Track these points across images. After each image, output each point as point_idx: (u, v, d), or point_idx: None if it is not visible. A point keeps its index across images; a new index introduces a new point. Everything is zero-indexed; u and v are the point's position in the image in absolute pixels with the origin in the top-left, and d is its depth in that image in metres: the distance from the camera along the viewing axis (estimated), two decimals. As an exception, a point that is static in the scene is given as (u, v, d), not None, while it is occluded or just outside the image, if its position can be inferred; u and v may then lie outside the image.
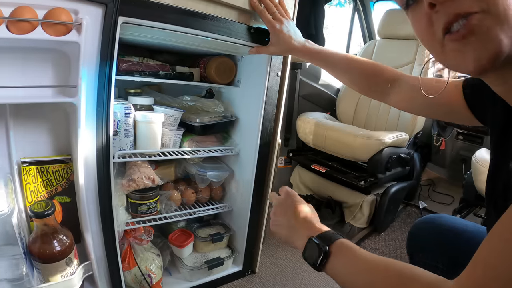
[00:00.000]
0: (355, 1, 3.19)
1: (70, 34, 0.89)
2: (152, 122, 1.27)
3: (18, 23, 0.82)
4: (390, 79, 0.98)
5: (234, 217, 1.66)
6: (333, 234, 0.68)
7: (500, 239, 0.42)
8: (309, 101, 2.68)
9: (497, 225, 0.43)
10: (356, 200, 2.19)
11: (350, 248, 0.64)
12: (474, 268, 0.44)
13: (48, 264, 0.99)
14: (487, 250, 0.43)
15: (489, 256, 0.42)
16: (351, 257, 0.62)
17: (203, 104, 1.51)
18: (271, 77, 1.35)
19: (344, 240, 0.65)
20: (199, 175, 1.52)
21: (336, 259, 0.63)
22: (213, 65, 1.44)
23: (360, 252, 0.62)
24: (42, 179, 1.09)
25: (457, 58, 0.48)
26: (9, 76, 0.93)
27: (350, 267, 0.62)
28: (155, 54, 1.45)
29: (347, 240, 0.66)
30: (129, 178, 1.29)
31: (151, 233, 1.38)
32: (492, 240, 0.43)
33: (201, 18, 1.09)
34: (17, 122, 1.06)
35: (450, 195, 2.75)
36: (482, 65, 0.45)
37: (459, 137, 2.53)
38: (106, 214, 1.10)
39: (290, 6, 1.25)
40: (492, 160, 0.65)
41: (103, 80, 0.97)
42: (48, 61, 0.98)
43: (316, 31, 2.75)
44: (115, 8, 0.93)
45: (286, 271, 1.75)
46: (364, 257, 0.60)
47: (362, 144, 2.03)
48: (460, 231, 0.89)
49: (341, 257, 0.63)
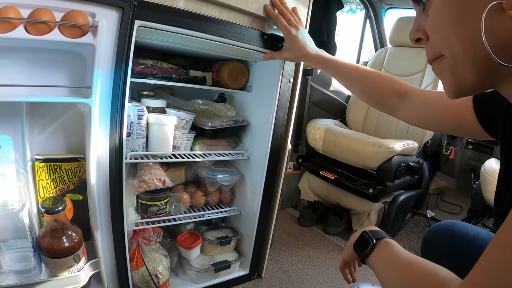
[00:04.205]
0: (367, 8, 3.19)
1: (86, 37, 0.91)
2: (165, 124, 1.28)
3: (36, 25, 0.84)
4: (400, 92, 0.98)
5: (242, 221, 1.67)
6: (384, 233, 0.76)
7: (497, 248, 0.44)
8: (319, 108, 2.68)
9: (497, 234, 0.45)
10: (364, 208, 2.18)
11: (392, 245, 0.70)
12: (474, 274, 0.46)
13: (56, 259, 1.01)
14: (486, 257, 0.46)
15: (487, 264, 0.45)
16: (389, 253, 0.69)
17: (215, 108, 1.52)
18: (283, 83, 1.36)
19: (391, 240, 0.73)
20: (209, 178, 1.53)
21: (378, 252, 0.72)
22: (226, 69, 1.45)
23: (399, 249, 0.68)
24: (55, 176, 1.12)
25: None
26: (26, 76, 0.95)
27: (386, 261, 0.69)
28: (169, 58, 1.47)
29: (394, 241, 0.73)
30: (140, 179, 1.30)
31: (160, 234, 1.39)
32: (491, 248, 0.45)
33: (215, 24, 1.11)
34: (33, 120, 1.09)
35: (458, 205, 2.72)
36: (453, 94, 0.53)
37: (469, 146, 2.51)
38: (116, 213, 1.12)
39: (303, 14, 1.27)
40: (501, 170, 0.65)
41: (118, 82, 0.99)
42: (64, 62, 1.00)
43: (328, 38, 2.75)
44: (131, 12, 0.94)
45: (292, 276, 1.75)
46: (399, 254, 0.66)
47: (372, 151, 2.03)
48: (472, 238, 0.90)
49: (382, 251, 0.71)
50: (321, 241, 2.17)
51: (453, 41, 0.48)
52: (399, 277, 0.62)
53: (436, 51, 0.52)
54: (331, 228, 2.26)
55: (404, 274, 0.61)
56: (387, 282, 0.65)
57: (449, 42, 0.49)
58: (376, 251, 0.72)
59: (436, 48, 0.52)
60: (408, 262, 0.62)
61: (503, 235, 0.44)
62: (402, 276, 0.61)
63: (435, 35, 0.51)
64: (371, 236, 0.74)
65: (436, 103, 0.87)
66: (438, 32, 0.50)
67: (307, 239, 2.17)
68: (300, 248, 2.04)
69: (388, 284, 0.65)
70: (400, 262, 0.64)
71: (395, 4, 3.08)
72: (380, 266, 0.70)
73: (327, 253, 2.03)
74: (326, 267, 1.87)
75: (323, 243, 2.14)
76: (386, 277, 0.66)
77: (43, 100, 1.00)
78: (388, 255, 0.69)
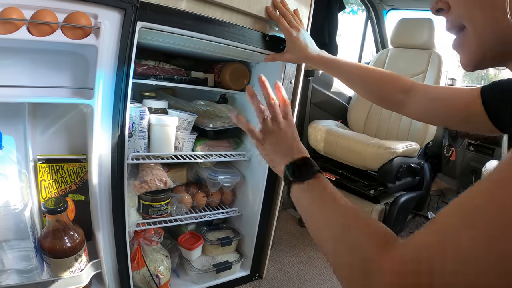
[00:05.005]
0: (368, 9, 3.19)
1: (88, 38, 0.91)
2: (166, 125, 1.28)
3: (38, 26, 0.85)
4: (404, 88, 0.97)
5: (243, 222, 1.67)
6: (311, 167, 0.68)
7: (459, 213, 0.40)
8: (321, 109, 2.68)
9: (460, 197, 0.41)
10: (365, 209, 2.18)
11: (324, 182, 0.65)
12: (428, 234, 0.41)
13: (58, 259, 1.01)
14: (448, 219, 0.40)
15: (448, 227, 0.39)
16: (332, 189, 0.63)
17: (216, 109, 1.52)
18: (285, 84, 1.36)
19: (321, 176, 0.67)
20: (211, 179, 1.53)
21: (318, 183, 0.65)
22: (227, 71, 1.45)
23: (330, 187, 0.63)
24: (57, 176, 1.12)
25: None
26: (29, 76, 0.96)
27: (327, 196, 0.62)
28: (171, 59, 1.48)
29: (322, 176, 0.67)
30: (142, 180, 1.30)
31: (161, 235, 1.39)
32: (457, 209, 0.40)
33: (217, 25, 1.11)
34: (35, 121, 1.09)
35: (459, 207, 2.72)
36: (471, 66, 0.53)
37: (470, 148, 2.51)
38: (118, 214, 1.12)
39: (304, 15, 1.27)
40: None
41: (120, 83, 0.99)
42: (66, 63, 1.00)
43: (329, 39, 2.75)
44: (133, 13, 0.95)
45: (293, 277, 1.75)
46: (340, 195, 0.61)
47: (373, 153, 2.03)
48: None
49: (324, 183, 0.65)
50: (322, 242, 2.17)
51: (475, 12, 0.48)
52: (340, 217, 0.56)
53: (456, 21, 0.53)
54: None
55: (348, 213, 0.56)
56: (322, 217, 0.60)
57: (471, 13, 0.49)
58: (316, 181, 0.65)
59: (457, 18, 0.52)
60: (353, 206, 0.57)
61: (466, 199, 0.40)
62: (346, 216, 0.56)
63: (457, 6, 0.52)
64: (314, 165, 0.68)
65: (443, 96, 0.87)
66: (461, 2, 0.51)
67: (308, 240, 2.17)
68: (301, 249, 2.04)
69: (323, 220, 0.59)
70: (344, 203, 0.59)
71: (396, 5, 3.09)
72: (316, 198, 0.63)
73: (328, 254, 2.02)
74: (327, 268, 1.87)
75: (324, 244, 2.14)
76: (323, 212, 0.60)
77: (45, 101, 1.00)
78: (332, 191, 0.63)
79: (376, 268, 0.43)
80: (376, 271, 0.43)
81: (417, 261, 0.39)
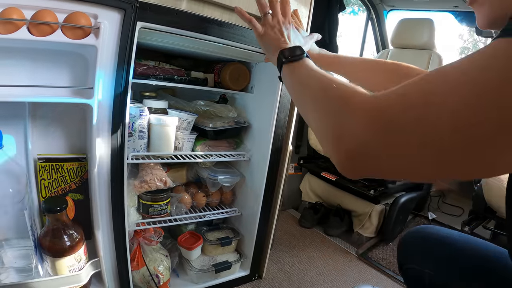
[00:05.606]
0: (368, 10, 3.19)
1: (88, 38, 0.92)
2: (166, 125, 1.29)
3: (38, 26, 0.85)
4: (411, 74, 0.96)
5: (243, 222, 1.67)
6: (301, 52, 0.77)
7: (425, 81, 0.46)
8: (321, 109, 2.67)
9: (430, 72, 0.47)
10: (365, 209, 2.19)
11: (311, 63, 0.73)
12: (393, 93, 0.48)
13: (57, 258, 1.01)
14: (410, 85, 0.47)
15: (409, 90, 0.47)
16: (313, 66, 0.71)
17: (216, 109, 1.52)
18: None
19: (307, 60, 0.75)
20: (210, 179, 1.53)
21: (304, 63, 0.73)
22: (227, 71, 1.46)
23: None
24: (57, 175, 1.12)
25: None
26: (29, 76, 0.96)
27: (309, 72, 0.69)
28: (171, 59, 1.48)
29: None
30: (142, 179, 1.31)
31: (161, 234, 1.39)
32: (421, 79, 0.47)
33: (217, 25, 1.12)
34: (35, 120, 1.09)
35: (459, 207, 2.72)
36: (486, 24, 0.56)
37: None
38: (117, 213, 1.12)
39: (304, 15, 1.27)
40: None
41: (120, 83, 1.00)
42: (66, 63, 1.00)
43: (330, 40, 2.75)
44: (133, 14, 0.95)
45: (293, 277, 1.76)
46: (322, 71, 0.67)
47: (373, 153, 2.02)
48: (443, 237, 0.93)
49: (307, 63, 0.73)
50: (322, 242, 2.18)
51: None
52: (318, 83, 0.63)
53: None
54: (332, 230, 2.27)
55: (329, 78, 0.61)
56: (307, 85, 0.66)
57: None
58: (304, 61, 0.73)
59: None
60: (330, 76, 0.63)
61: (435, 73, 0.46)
62: (326, 81, 0.61)
63: None
64: (304, 51, 0.77)
65: None
66: None
67: (308, 241, 2.17)
68: (301, 250, 2.05)
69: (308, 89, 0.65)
70: (323, 74, 0.65)
71: (397, 6, 3.08)
72: (303, 74, 0.70)
73: (328, 254, 2.03)
74: (327, 268, 1.87)
75: (324, 245, 2.15)
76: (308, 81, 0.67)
77: (45, 100, 1.00)
78: (312, 68, 0.70)
79: (349, 108, 0.51)
80: (349, 110, 0.51)
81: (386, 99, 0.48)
